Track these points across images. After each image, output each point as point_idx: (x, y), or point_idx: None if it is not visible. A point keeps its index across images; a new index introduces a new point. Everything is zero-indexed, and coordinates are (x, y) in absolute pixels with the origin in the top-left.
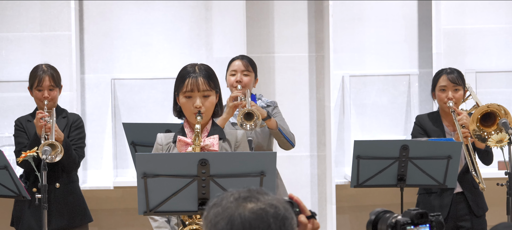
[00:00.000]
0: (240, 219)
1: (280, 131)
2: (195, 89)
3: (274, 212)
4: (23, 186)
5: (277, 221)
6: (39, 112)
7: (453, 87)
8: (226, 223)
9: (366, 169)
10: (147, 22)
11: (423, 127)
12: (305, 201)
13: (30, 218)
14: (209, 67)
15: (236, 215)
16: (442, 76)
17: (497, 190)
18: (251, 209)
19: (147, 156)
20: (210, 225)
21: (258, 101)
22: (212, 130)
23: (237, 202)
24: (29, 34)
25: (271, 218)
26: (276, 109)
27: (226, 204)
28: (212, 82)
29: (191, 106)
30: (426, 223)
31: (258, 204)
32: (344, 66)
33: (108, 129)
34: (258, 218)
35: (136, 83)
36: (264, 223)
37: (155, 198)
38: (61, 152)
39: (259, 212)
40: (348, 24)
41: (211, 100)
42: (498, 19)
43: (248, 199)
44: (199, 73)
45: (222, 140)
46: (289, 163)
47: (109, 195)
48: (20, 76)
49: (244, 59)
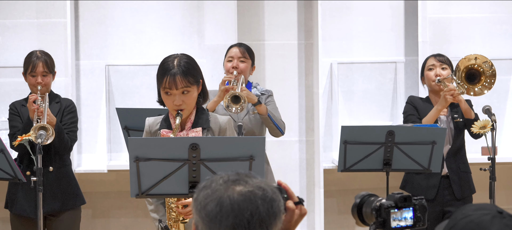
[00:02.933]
0: (229, 201)
1: (269, 117)
2: (173, 87)
3: (262, 194)
4: (18, 169)
5: (265, 203)
6: (32, 95)
7: (440, 65)
8: (215, 204)
9: (353, 154)
10: (141, 10)
11: (415, 105)
12: (294, 185)
13: (23, 201)
14: (190, 60)
15: (225, 197)
16: (431, 58)
17: (480, 175)
18: (240, 192)
19: (139, 140)
20: (199, 207)
21: (253, 90)
22: (196, 119)
23: (226, 184)
24: (25, 21)
25: (259, 200)
26: (270, 98)
27: (216, 187)
28: (192, 77)
29: (171, 103)
30: (409, 207)
31: (247, 186)
32: (332, 54)
33: (102, 114)
34: (247, 200)
35: (130, 70)
36: (253, 205)
37: (147, 181)
38: (53, 134)
39: (247, 194)
40: (336, 12)
41: (191, 95)
42: (482, 9)
43: (236, 182)
44: (177, 70)
45: (206, 130)
46: (279, 148)
47: (103, 178)
48: (16, 62)
49: (242, 47)
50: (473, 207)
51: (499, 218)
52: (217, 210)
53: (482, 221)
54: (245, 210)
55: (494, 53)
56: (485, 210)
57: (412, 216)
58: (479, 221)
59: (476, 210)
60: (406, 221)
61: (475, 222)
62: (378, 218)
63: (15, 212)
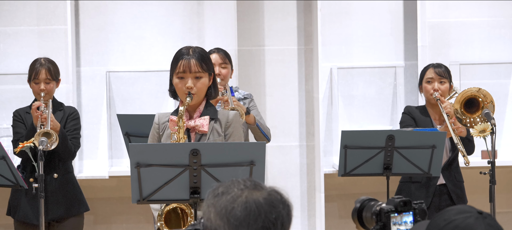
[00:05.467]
0: (255, 205)
1: (257, 126)
2: (187, 71)
3: (281, 199)
4: (20, 175)
5: (285, 207)
6: (36, 102)
7: (439, 79)
8: (243, 209)
9: (353, 158)
10: (141, 16)
11: (412, 115)
12: (295, 190)
13: (26, 207)
14: (204, 50)
15: (251, 201)
16: (429, 69)
17: (479, 178)
18: (263, 196)
19: (140, 146)
20: (224, 211)
21: (235, 93)
22: (205, 110)
23: (247, 190)
24: (26, 28)
25: (280, 204)
26: (253, 102)
27: (237, 192)
28: (205, 65)
29: (183, 87)
30: (409, 211)
31: (266, 191)
32: (332, 59)
33: (103, 120)
34: (270, 204)
35: (130, 76)
36: (276, 208)
37: (148, 187)
38: (56, 140)
39: (269, 198)
40: (336, 18)
41: (203, 81)
42: (481, 13)
43: (256, 187)
44: (192, 56)
45: (213, 121)
46: (279, 153)
47: (105, 184)
48: (17, 69)
49: (220, 53)
50: (452, 212)
51: (481, 218)
52: (245, 213)
53: (468, 224)
54: (270, 213)
55: (493, 57)
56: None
57: (412, 220)
58: (465, 225)
59: (458, 214)
60: (406, 225)
61: (461, 226)
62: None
63: (18, 219)
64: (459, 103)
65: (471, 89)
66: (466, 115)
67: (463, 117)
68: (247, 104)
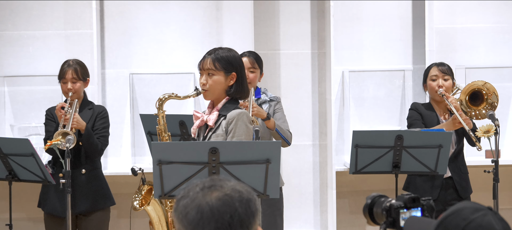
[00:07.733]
0: (209, 207)
1: (277, 131)
2: (201, 68)
3: (239, 196)
4: (48, 171)
5: (242, 204)
6: (60, 103)
7: (443, 76)
8: (196, 212)
9: (364, 157)
10: (163, 21)
11: (419, 111)
12: (308, 186)
13: (55, 201)
14: (227, 51)
15: (204, 203)
16: (433, 67)
17: (483, 177)
18: (217, 197)
19: (162, 145)
20: (181, 216)
21: (263, 95)
22: (223, 108)
23: (203, 191)
24: (54, 32)
25: (237, 202)
26: (279, 105)
27: (194, 195)
28: (219, 64)
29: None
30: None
31: (223, 191)
32: (344, 62)
33: (126, 120)
34: (225, 204)
35: (153, 78)
36: (231, 208)
37: (169, 183)
38: (74, 140)
39: (224, 198)
40: (348, 23)
41: (216, 79)
42: (486, 19)
43: (212, 188)
44: (210, 55)
45: (223, 117)
46: (293, 152)
47: (128, 180)
48: (45, 71)
49: (251, 56)
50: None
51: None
52: (198, 217)
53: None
54: (224, 213)
55: (497, 61)
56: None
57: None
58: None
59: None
60: None
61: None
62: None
63: (47, 211)
64: (465, 94)
65: (477, 82)
66: (471, 108)
67: (468, 110)
68: (271, 107)
